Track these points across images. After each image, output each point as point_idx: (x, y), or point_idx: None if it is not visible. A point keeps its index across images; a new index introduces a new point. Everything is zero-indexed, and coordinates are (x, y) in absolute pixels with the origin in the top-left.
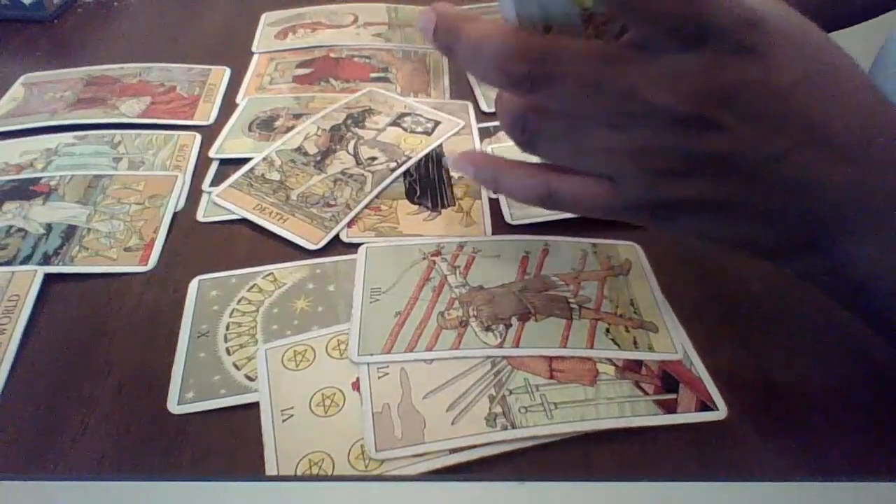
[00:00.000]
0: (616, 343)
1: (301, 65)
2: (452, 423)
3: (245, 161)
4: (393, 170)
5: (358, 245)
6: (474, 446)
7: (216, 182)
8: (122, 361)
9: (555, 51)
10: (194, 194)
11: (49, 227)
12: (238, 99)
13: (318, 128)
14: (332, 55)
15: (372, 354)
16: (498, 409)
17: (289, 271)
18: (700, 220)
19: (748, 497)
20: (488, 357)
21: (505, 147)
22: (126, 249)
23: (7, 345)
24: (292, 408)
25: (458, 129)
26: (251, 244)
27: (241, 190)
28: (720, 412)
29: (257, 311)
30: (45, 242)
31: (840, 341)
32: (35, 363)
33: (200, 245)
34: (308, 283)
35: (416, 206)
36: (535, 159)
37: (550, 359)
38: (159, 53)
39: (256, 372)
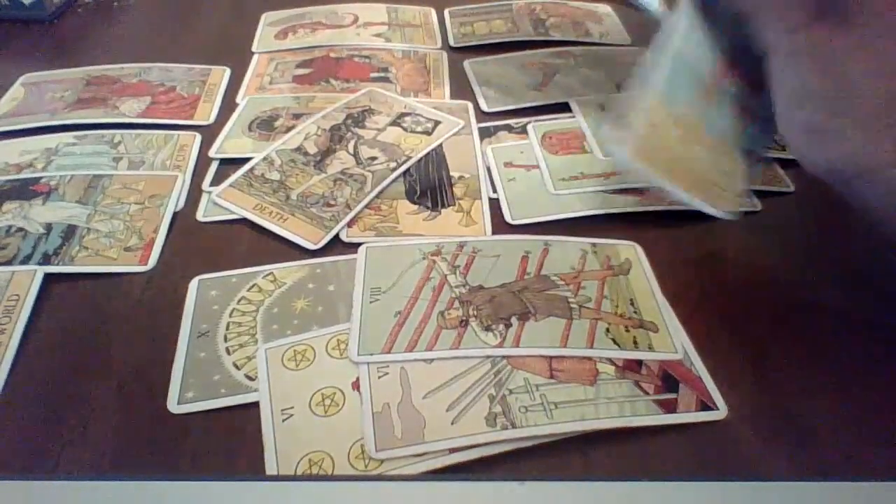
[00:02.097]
0: (616, 343)
1: (301, 65)
2: (452, 423)
3: (245, 161)
4: (393, 169)
5: (358, 245)
6: (474, 446)
7: (216, 182)
8: (122, 361)
9: None
10: (194, 194)
11: (49, 227)
12: (238, 99)
13: (318, 128)
14: (332, 55)
15: (372, 354)
16: (498, 409)
17: (289, 271)
18: None
19: (748, 497)
20: (488, 357)
21: (505, 147)
22: (126, 249)
23: (7, 345)
24: (292, 407)
25: (458, 129)
26: (251, 244)
27: (241, 190)
28: (720, 412)
29: (257, 310)
30: (45, 242)
31: (840, 341)
32: (35, 363)
33: (200, 245)
34: (308, 283)
35: (416, 206)
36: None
37: (550, 358)
38: (159, 53)
39: (256, 371)
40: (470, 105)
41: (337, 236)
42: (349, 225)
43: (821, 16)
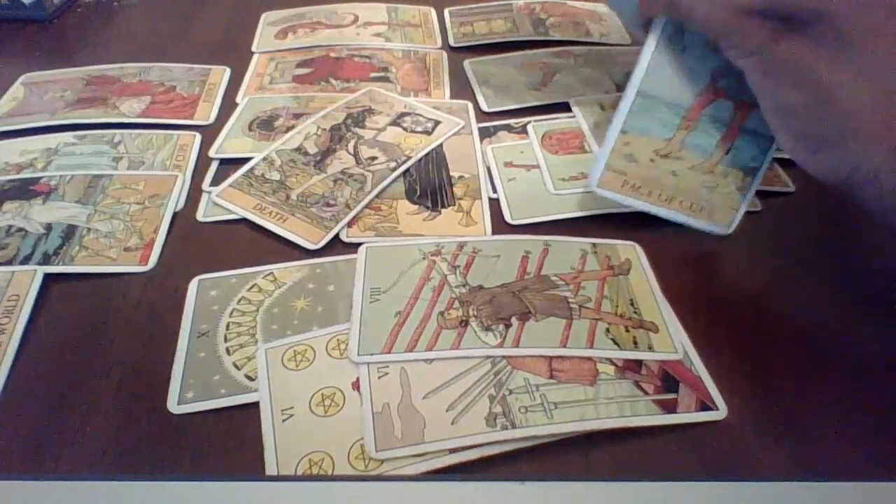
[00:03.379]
0: (616, 343)
1: (301, 64)
2: (452, 423)
3: (245, 161)
4: (393, 169)
5: (358, 245)
6: (474, 446)
7: (216, 182)
8: (122, 361)
9: None
10: (194, 194)
11: (49, 227)
12: (238, 98)
13: (318, 127)
14: (332, 55)
15: (372, 354)
16: (498, 409)
17: (289, 271)
18: None
19: (748, 497)
20: (488, 357)
21: (505, 147)
22: (126, 249)
23: (7, 345)
24: (292, 407)
25: (457, 128)
26: (251, 244)
27: (240, 190)
28: (720, 412)
29: (257, 310)
30: (45, 242)
31: (840, 341)
32: (35, 363)
33: (200, 245)
34: (308, 283)
35: (416, 206)
36: None
37: (550, 359)
38: (159, 53)
39: (256, 372)
40: (470, 105)
41: (337, 236)
42: (349, 225)
43: (781, 33)
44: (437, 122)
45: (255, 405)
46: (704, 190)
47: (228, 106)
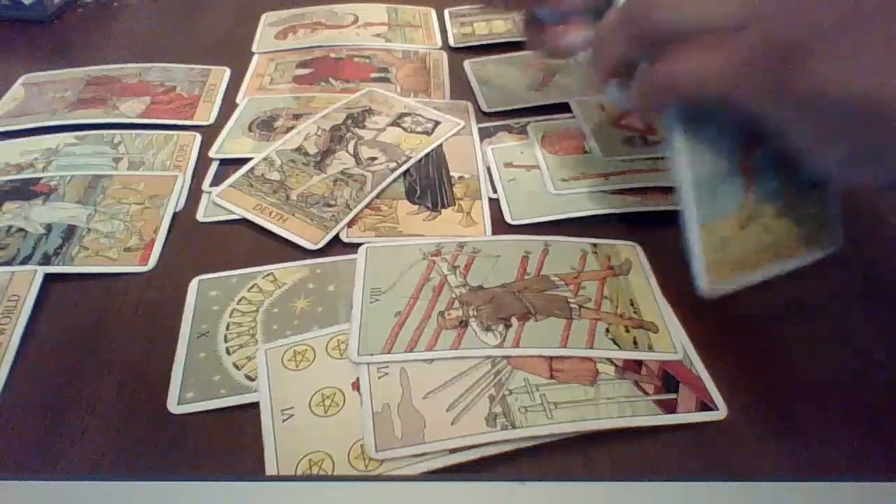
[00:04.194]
0: (616, 343)
1: (301, 65)
2: (452, 423)
3: (245, 161)
4: (393, 170)
5: (358, 245)
6: (474, 446)
7: (216, 182)
8: (122, 361)
9: None
10: (194, 194)
11: (49, 227)
12: (238, 99)
13: (318, 128)
14: (332, 55)
15: (372, 354)
16: (498, 409)
17: (289, 271)
18: None
19: (748, 497)
20: (488, 357)
21: (504, 147)
22: (126, 249)
23: (7, 345)
24: (292, 408)
25: (457, 129)
26: (251, 244)
27: (241, 190)
28: (720, 412)
29: (257, 311)
30: (45, 242)
31: (840, 341)
32: (35, 363)
33: (200, 245)
34: (308, 283)
35: (416, 206)
36: None
37: (550, 359)
38: (159, 53)
39: (256, 372)
40: (470, 105)
41: (337, 236)
42: (349, 225)
43: (793, 67)
44: (437, 123)
45: (255, 405)
46: (798, 225)
47: (228, 106)
